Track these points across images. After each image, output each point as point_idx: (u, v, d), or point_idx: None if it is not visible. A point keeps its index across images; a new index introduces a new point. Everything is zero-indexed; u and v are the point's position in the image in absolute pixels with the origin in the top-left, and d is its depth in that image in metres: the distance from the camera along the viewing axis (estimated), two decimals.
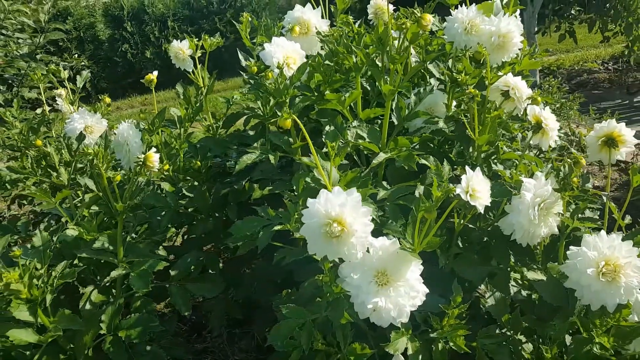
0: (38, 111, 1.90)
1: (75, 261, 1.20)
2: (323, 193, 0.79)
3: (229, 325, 1.61)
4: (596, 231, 0.91)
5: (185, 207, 1.33)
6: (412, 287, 0.81)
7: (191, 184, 1.36)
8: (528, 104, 1.13)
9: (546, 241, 1.05)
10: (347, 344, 0.93)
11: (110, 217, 1.29)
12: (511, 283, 1.05)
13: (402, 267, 0.81)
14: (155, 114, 1.33)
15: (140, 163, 1.10)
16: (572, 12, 3.91)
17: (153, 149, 1.13)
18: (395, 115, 1.18)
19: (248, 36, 1.44)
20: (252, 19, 1.45)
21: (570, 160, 0.95)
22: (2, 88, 2.46)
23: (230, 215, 1.34)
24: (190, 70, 1.44)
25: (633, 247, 0.84)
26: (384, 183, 1.12)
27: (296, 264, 1.07)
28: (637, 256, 0.83)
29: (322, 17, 1.33)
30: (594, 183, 2.32)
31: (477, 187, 0.84)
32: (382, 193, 1.05)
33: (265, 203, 1.32)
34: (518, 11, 1.22)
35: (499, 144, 1.12)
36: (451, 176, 1.07)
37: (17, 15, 2.54)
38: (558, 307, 0.94)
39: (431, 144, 1.25)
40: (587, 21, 3.86)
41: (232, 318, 1.53)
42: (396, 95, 1.13)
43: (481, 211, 0.85)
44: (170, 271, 1.26)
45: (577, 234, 1.03)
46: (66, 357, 1.09)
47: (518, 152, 1.12)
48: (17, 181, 1.52)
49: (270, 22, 1.46)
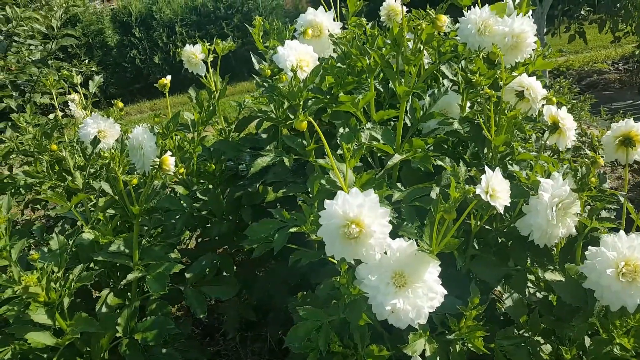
0: (51, 116, 1.92)
1: (91, 264, 1.22)
2: (340, 194, 0.79)
3: (242, 327, 1.62)
4: (614, 232, 0.90)
5: (199, 210, 1.34)
6: (431, 289, 0.80)
7: (205, 187, 1.36)
8: (543, 105, 1.12)
9: (563, 242, 1.04)
10: (365, 346, 0.93)
11: (125, 221, 1.30)
12: (528, 284, 1.04)
13: (420, 269, 0.80)
14: (168, 119, 1.33)
15: (156, 166, 1.10)
16: (582, 13, 3.89)
17: (168, 153, 1.13)
18: (409, 116, 1.17)
19: (261, 39, 1.44)
20: (264, 23, 1.45)
21: (587, 160, 0.94)
22: (15, 94, 2.49)
23: (244, 217, 1.34)
24: (202, 74, 1.44)
25: None
26: (399, 185, 1.12)
27: (311, 266, 1.07)
28: None
29: (334, 20, 1.33)
30: (608, 184, 2.30)
31: (497, 187, 0.84)
32: (398, 195, 1.05)
33: (278, 205, 1.33)
34: (530, 12, 1.22)
35: (514, 145, 1.12)
36: (466, 177, 1.07)
37: (29, 22, 2.57)
38: (577, 308, 0.93)
39: (445, 146, 1.25)
40: (597, 21, 3.84)
41: (245, 320, 1.53)
42: (410, 96, 1.12)
43: (501, 211, 0.85)
44: (185, 274, 1.26)
45: (594, 235, 1.02)
46: None
47: (534, 153, 1.12)
48: (32, 185, 1.54)
49: (281, 26, 1.46)
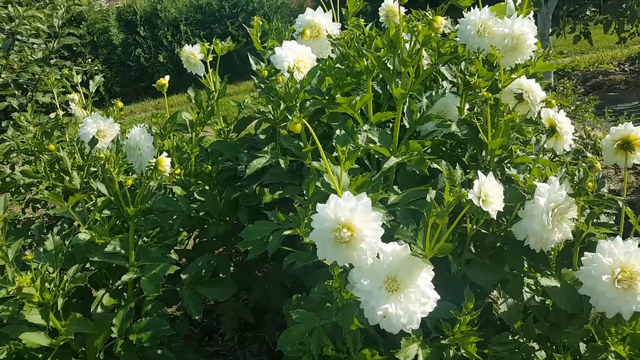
0: (52, 115, 1.92)
1: (87, 265, 1.21)
2: (332, 198, 0.78)
3: (240, 328, 1.62)
4: (611, 237, 0.89)
5: (196, 211, 1.33)
6: (423, 294, 0.80)
7: (202, 188, 1.36)
8: (542, 107, 1.11)
9: (560, 247, 1.03)
10: (357, 350, 0.93)
11: (122, 221, 1.30)
12: (524, 289, 1.03)
13: (413, 273, 0.80)
14: (167, 119, 1.33)
15: (152, 167, 1.10)
16: (587, 13, 3.86)
17: (164, 154, 1.13)
18: (407, 118, 1.17)
19: (259, 40, 1.44)
20: (263, 23, 1.45)
21: (585, 164, 0.93)
22: (17, 92, 2.49)
23: (241, 219, 1.33)
24: (202, 74, 1.44)
25: None
26: (395, 187, 1.11)
27: (306, 269, 1.07)
28: None
29: (333, 20, 1.32)
30: (610, 187, 2.28)
31: (490, 193, 0.83)
32: (393, 198, 1.04)
33: (275, 207, 1.33)
34: (532, 13, 1.21)
35: (513, 148, 1.11)
36: (464, 180, 1.06)
37: (32, 20, 2.57)
38: (572, 314, 0.92)
39: (443, 148, 1.24)
40: (603, 22, 3.82)
41: (243, 321, 1.53)
42: (408, 98, 1.12)
43: (494, 217, 0.84)
44: (181, 275, 1.26)
45: (592, 240, 1.01)
46: None
47: (532, 156, 1.10)
48: (31, 185, 1.54)
49: (281, 26, 1.46)
